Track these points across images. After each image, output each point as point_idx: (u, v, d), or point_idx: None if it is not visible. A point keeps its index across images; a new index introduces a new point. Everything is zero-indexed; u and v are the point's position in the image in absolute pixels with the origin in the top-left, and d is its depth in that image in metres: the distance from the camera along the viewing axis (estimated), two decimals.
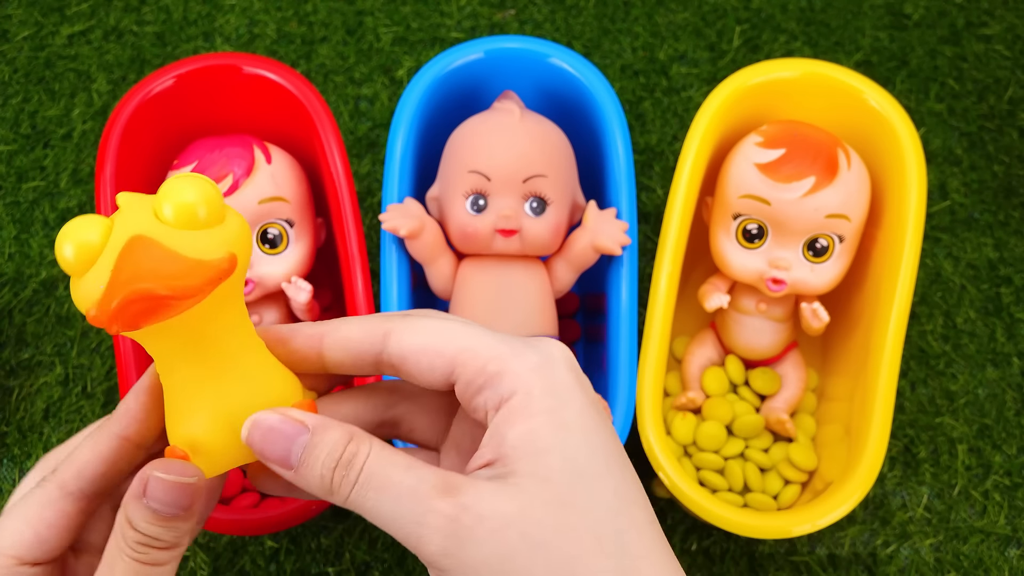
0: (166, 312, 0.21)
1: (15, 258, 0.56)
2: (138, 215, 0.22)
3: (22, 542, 0.24)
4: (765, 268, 0.47)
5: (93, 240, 0.22)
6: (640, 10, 0.65)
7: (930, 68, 0.64)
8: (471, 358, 0.24)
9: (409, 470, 0.23)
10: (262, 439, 0.24)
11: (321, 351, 0.25)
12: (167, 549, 0.24)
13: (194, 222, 0.22)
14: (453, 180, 0.44)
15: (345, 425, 0.24)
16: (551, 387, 0.23)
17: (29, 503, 0.25)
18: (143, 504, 0.23)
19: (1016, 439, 0.53)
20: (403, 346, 0.24)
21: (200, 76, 0.47)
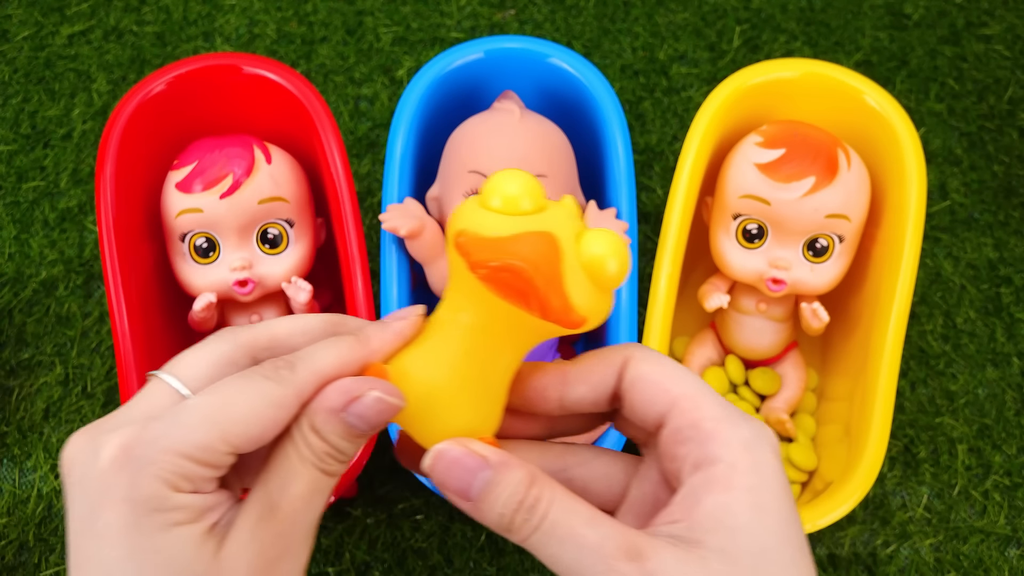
0: (517, 300, 0.23)
1: (15, 258, 0.56)
2: (565, 225, 0.23)
3: (248, 435, 0.23)
4: (765, 268, 0.47)
5: (519, 199, 0.23)
6: (640, 10, 0.65)
7: (930, 68, 0.64)
8: (691, 408, 0.24)
9: (592, 524, 0.23)
10: (444, 470, 0.24)
11: (565, 385, 0.26)
12: (343, 463, 0.24)
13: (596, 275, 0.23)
14: (453, 180, 0.44)
15: (527, 465, 0.24)
16: (756, 465, 0.23)
17: (265, 399, 0.23)
18: (340, 417, 0.23)
19: (1016, 439, 0.53)
20: (641, 370, 0.25)
21: (200, 76, 0.47)
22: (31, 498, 0.49)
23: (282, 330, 0.26)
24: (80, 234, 0.56)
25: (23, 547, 0.48)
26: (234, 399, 0.23)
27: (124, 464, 0.23)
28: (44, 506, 0.49)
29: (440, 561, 0.49)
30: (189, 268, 0.46)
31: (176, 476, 0.23)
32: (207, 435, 0.23)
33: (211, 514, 0.23)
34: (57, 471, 0.50)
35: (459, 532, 0.49)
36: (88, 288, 0.55)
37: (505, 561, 0.48)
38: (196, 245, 0.46)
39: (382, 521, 0.50)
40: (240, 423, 0.23)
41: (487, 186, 0.24)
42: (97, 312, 0.54)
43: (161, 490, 0.22)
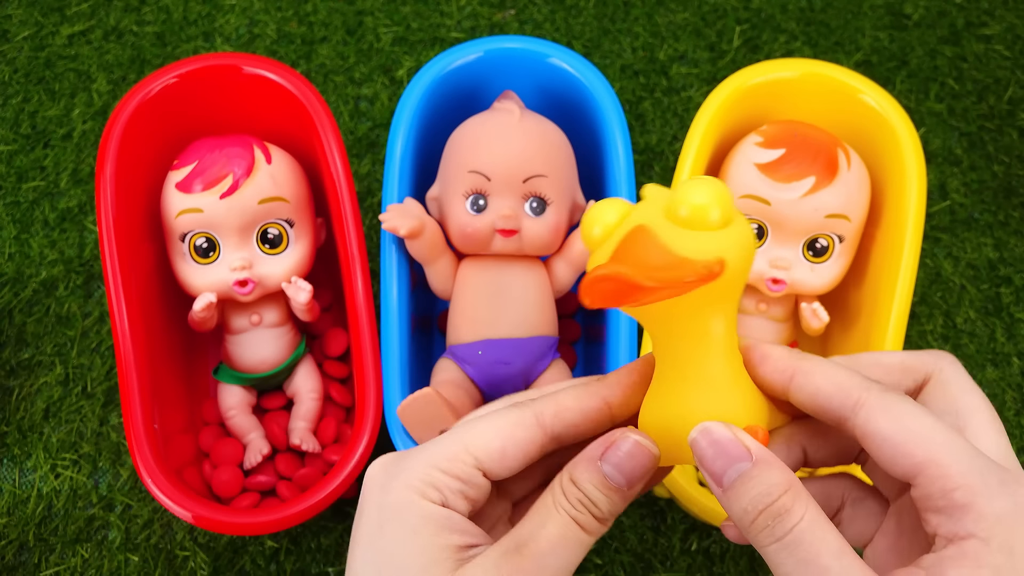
0: (637, 297, 0.22)
1: (15, 258, 0.56)
2: (651, 208, 0.24)
3: (489, 450, 0.25)
4: (765, 268, 0.47)
5: (611, 221, 0.24)
6: (640, 10, 0.65)
7: (930, 68, 0.64)
8: (939, 476, 0.22)
9: (839, 558, 0.22)
10: (705, 448, 0.24)
11: (789, 388, 0.25)
12: (598, 520, 0.25)
13: (704, 223, 0.23)
14: (453, 180, 0.44)
15: (789, 471, 0.23)
16: (1010, 546, 0.21)
17: (505, 419, 0.26)
18: (596, 466, 0.25)
19: (1016, 439, 0.53)
20: (873, 428, 0.23)
21: (200, 76, 0.47)
22: (31, 498, 0.49)
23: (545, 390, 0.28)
24: (80, 234, 0.56)
25: (23, 547, 0.48)
26: (480, 421, 0.26)
27: (381, 476, 0.26)
28: (44, 506, 0.49)
29: None
30: (189, 268, 0.46)
31: (423, 484, 0.25)
32: (453, 446, 0.25)
33: (459, 536, 0.25)
34: (57, 471, 0.50)
35: None
36: (88, 288, 0.55)
37: None
38: (196, 245, 0.46)
39: None
40: (481, 438, 0.25)
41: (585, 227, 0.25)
42: (97, 312, 0.54)
43: (409, 496, 0.25)
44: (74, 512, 0.49)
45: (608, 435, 0.25)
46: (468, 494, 0.25)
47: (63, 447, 0.51)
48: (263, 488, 0.48)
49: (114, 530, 0.49)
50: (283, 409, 0.51)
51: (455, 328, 0.45)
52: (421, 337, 0.50)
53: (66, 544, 0.48)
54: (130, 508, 0.49)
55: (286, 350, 0.49)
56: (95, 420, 0.51)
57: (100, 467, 0.50)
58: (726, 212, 0.23)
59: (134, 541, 0.48)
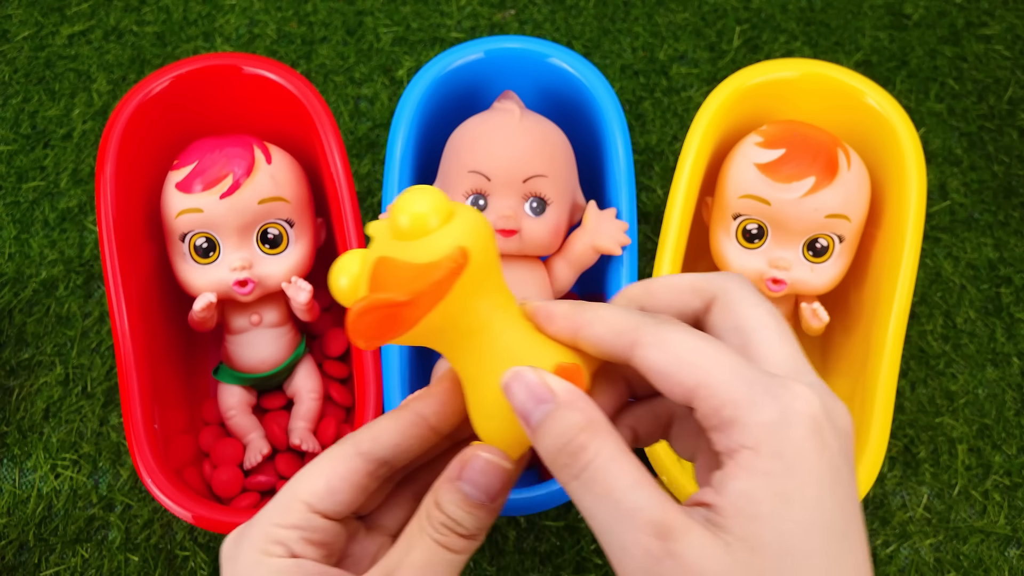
0: (404, 316, 0.23)
1: (15, 258, 0.56)
2: (381, 239, 0.25)
3: (314, 491, 0.26)
4: (765, 268, 0.47)
5: (355, 271, 0.25)
6: (640, 10, 0.65)
7: (930, 68, 0.64)
8: (708, 395, 0.23)
9: (633, 489, 0.22)
10: (515, 391, 0.24)
11: (577, 342, 0.26)
12: (465, 538, 0.25)
13: (425, 227, 0.24)
14: (453, 180, 0.44)
15: (590, 411, 0.24)
16: (780, 449, 0.22)
17: (325, 458, 0.27)
18: (456, 487, 0.25)
19: (1016, 439, 0.53)
20: (647, 363, 0.24)
21: (200, 76, 0.47)
22: (31, 498, 0.49)
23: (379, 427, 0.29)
24: (80, 234, 0.56)
25: (23, 547, 0.48)
26: (307, 467, 0.27)
27: (232, 549, 0.26)
28: (44, 506, 0.49)
29: None
30: (189, 268, 0.46)
31: (266, 542, 0.25)
32: (283, 497, 0.26)
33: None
34: (57, 471, 0.50)
35: None
36: (88, 288, 0.55)
37: (505, 561, 0.48)
38: (196, 245, 0.46)
39: None
40: (306, 481, 0.26)
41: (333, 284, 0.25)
42: (97, 312, 0.54)
43: (255, 557, 0.25)
44: (74, 512, 0.49)
45: (462, 454, 0.25)
46: (313, 539, 0.26)
47: (63, 447, 0.51)
48: (263, 488, 0.48)
49: (114, 530, 0.49)
50: (283, 409, 0.51)
51: None
52: None
53: (66, 544, 0.48)
54: (130, 508, 0.49)
55: (286, 350, 0.49)
56: (95, 420, 0.51)
57: (100, 467, 0.50)
58: (442, 212, 0.24)
59: (134, 541, 0.48)
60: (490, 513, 0.25)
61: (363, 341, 0.23)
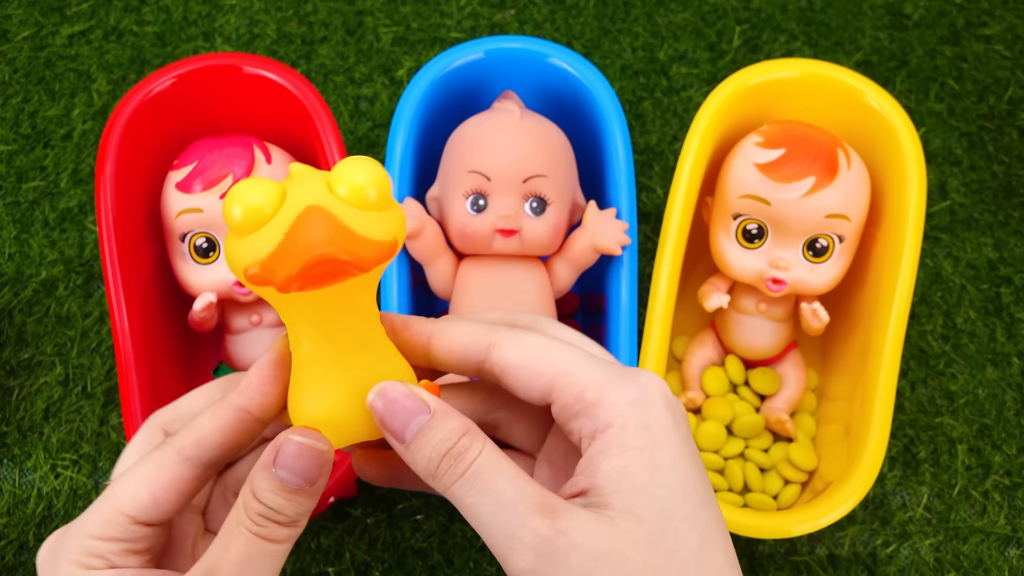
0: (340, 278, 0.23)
1: (15, 258, 0.56)
2: (312, 186, 0.23)
3: (137, 503, 0.25)
4: (765, 268, 0.47)
5: (262, 203, 0.23)
6: (640, 10, 0.65)
7: (930, 68, 0.64)
8: (569, 383, 0.24)
9: (514, 481, 0.23)
10: (384, 407, 0.24)
11: (428, 348, 0.26)
12: (286, 526, 0.24)
13: (364, 203, 0.23)
14: (453, 180, 0.44)
15: (464, 418, 0.25)
16: (645, 423, 0.24)
17: (147, 465, 0.25)
18: (271, 473, 0.24)
19: (1016, 439, 0.53)
20: (505, 360, 0.25)
21: (200, 76, 0.47)
22: (31, 498, 0.49)
23: (184, 401, 0.28)
24: (80, 234, 0.56)
25: (23, 547, 0.48)
26: (126, 474, 0.25)
27: (50, 559, 0.25)
28: (44, 506, 0.49)
29: (440, 561, 0.49)
30: (189, 268, 0.46)
31: (84, 555, 0.24)
32: (102, 509, 0.25)
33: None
34: (57, 471, 0.50)
35: (459, 532, 0.49)
36: (88, 288, 0.55)
37: None
38: (196, 245, 0.46)
39: (382, 521, 0.50)
40: (127, 492, 0.25)
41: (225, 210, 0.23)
42: (97, 312, 0.54)
43: (72, 571, 0.24)
44: (74, 512, 0.49)
45: (276, 440, 0.24)
46: (135, 548, 0.25)
47: (63, 447, 0.51)
48: None
49: None
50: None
51: None
52: None
53: None
54: None
55: None
56: (95, 420, 0.51)
57: (100, 467, 0.50)
58: (385, 193, 0.24)
59: None
60: (310, 497, 0.24)
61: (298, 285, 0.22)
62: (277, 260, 0.22)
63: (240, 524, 0.24)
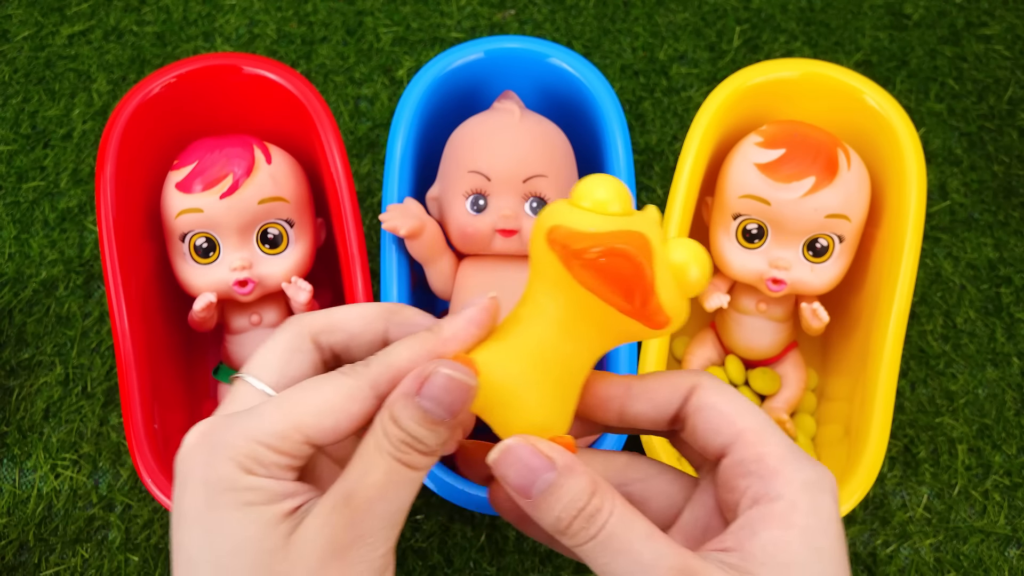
0: (619, 287, 0.23)
1: (15, 258, 0.56)
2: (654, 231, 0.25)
3: (321, 427, 0.24)
4: (765, 268, 0.47)
5: (609, 202, 0.25)
6: (640, 10, 0.65)
7: (930, 68, 0.64)
8: (755, 442, 0.25)
9: (649, 540, 0.23)
10: (508, 466, 0.24)
11: (625, 399, 0.27)
12: (425, 455, 0.24)
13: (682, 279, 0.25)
14: (453, 180, 0.44)
15: (591, 473, 0.24)
16: (816, 508, 0.24)
17: (339, 392, 0.25)
18: (414, 402, 0.24)
19: (1016, 439, 0.53)
20: (706, 401, 0.26)
21: (200, 76, 0.47)
22: (31, 498, 0.49)
23: (339, 314, 0.27)
24: (80, 234, 0.56)
25: (23, 547, 0.48)
26: (309, 393, 0.25)
27: (202, 448, 0.24)
28: (44, 506, 0.49)
29: (440, 561, 0.49)
30: (189, 268, 0.46)
31: (249, 460, 0.24)
32: (281, 423, 0.24)
33: (288, 501, 0.24)
34: (57, 471, 0.50)
35: (459, 532, 0.49)
36: (88, 288, 0.55)
37: (505, 561, 0.48)
38: (196, 245, 0.46)
39: None
40: (312, 413, 0.24)
41: (578, 189, 0.25)
42: (97, 312, 0.54)
43: (233, 471, 0.24)
44: (74, 512, 0.49)
45: (421, 368, 0.24)
46: (296, 465, 0.25)
47: (63, 447, 0.51)
48: None
49: (114, 530, 0.49)
50: None
51: None
52: None
53: (66, 544, 0.48)
54: (130, 508, 0.49)
55: None
56: (95, 420, 0.51)
57: (100, 467, 0.50)
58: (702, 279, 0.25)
59: (134, 541, 0.48)
60: (451, 429, 0.24)
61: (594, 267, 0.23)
62: (587, 238, 0.23)
63: (381, 449, 0.24)
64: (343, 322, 0.27)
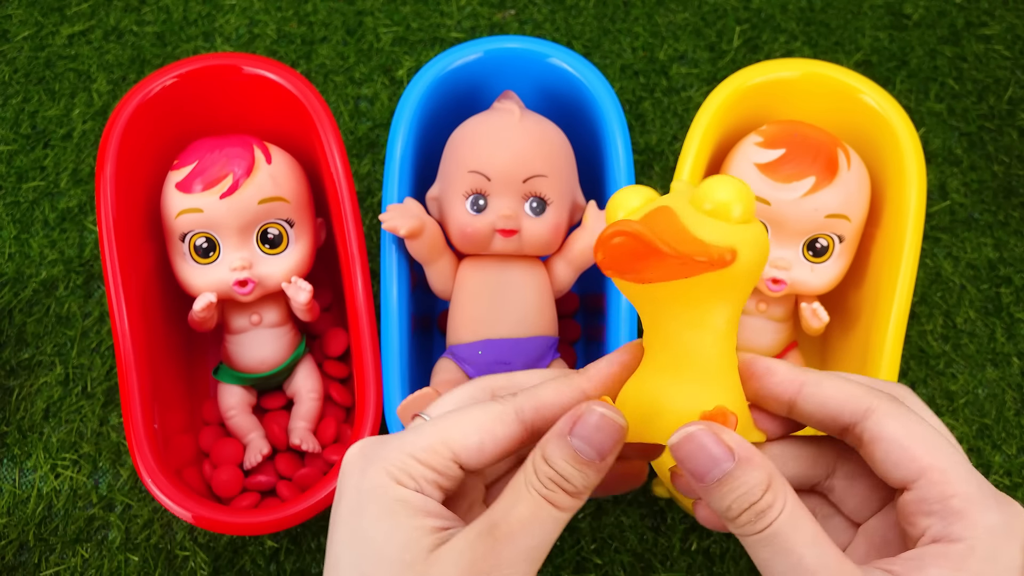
0: (647, 264, 0.23)
1: (15, 258, 0.56)
2: (676, 197, 0.25)
3: (467, 444, 0.26)
4: (765, 268, 0.47)
5: (634, 205, 0.25)
6: (640, 10, 0.65)
7: (930, 68, 0.64)
8: (939, 481, 0.24)
9: (814, 546, 0.23)
10: (687, 452, 0.24)
11: (796, 398, 0.26)
12: (571, 495, 0.25)
13: (726, 217, 0.24)
14: (453, 180, 0.44)
15: (768, 466, 0.24)
16: (995, 555, 0.23)
17: (486, 414, 0.26)
18: (566, 442, 0.25)
19: (1016, 439, 0.53)
20: (883, 431, 0.25)
21: (200, 76, 0.47)
22: (31, 498, 0.49)
23: (519, 376, 0.29)
24: (80, 234, 0.56)
25: (23, 547, 0.48)
26: (460, 414, 0.26)
27: (360, 459, 0.26)
28: (44, 506, 0.49)
29: None
30: (189, 268, 0.46)
31: (399, 471, 0.25)
32: (430, 438, 0.26)
33: (434, 519, 0.25)
34: (57, 471, 0.50)
35: None
36: (88, 288, 0.55)
37: None
38: (196, 245, 0.46)
39: None
40: (460, 431, 0.26)
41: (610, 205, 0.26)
42: (97, 312, 0.54)
43: (384, 480, 0.25)
44: (74, 512, 0.49)
45: (575, 409, 0.25)
46: (442, 484, 0.26)
47: (63, 447, 0.51)
48: (263, 488, 0.48)
49: (114, 530, 0.49)
50: (283, 409, 0.51)
51: (455, 328, 0.45)
52: (421, 337, 0.50)
53: (66, 544, 0.48)
54: (130, 508, 0.49)
55: (286, 350, 0.49)
56: (95, 420, 0.51)
57: (100, 467, 0.50)
58: (747, 210, 0.24)
59: (134, 541, 0.48)
60: (598, 472, 0.25)
61: (603, 256, 0.24)
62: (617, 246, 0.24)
63: (529, 485, 0.25)
64: (524, 379, 0.29)
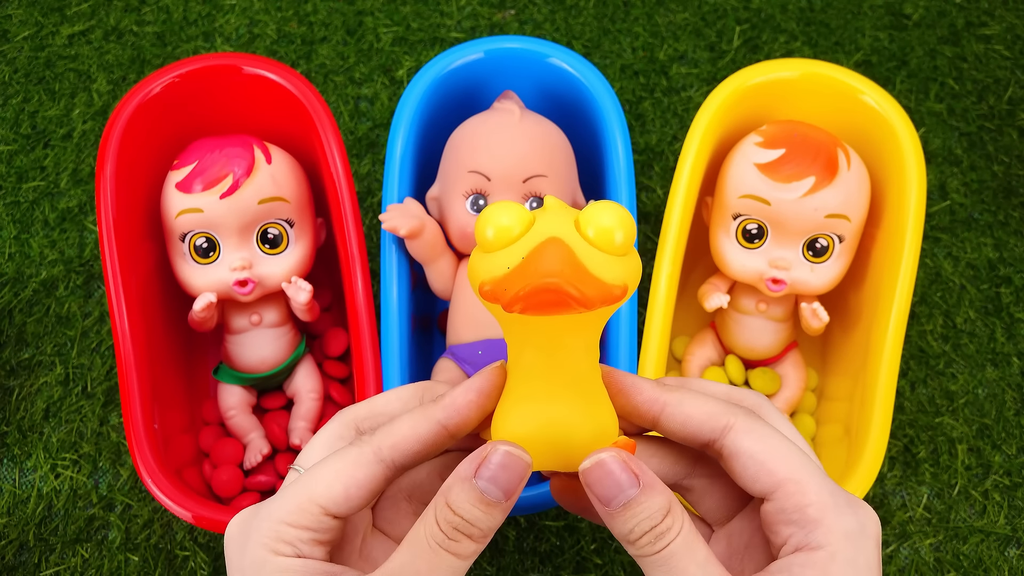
0: (561, 310, 0.23)
1: (15, 258, 0.56)
2: (560, 220, 0.24)
3: (332, 495, 0.25)
4: (765, 268, 0.47)
5: (511, 225, 0.24)
6: (640, 10, 0.65)
7: (930, 68, 0.64)
8: (796, 492, 0.25)
9: (704, 567, 0.24)
10: (596, 478, 0.25)
11: (659, 418, 0.27)
12: (475, 540, 0.25)
13: (609, 246, 0.24)
14: (453, 180, 0.44)
15: (667, 492, 0.25)
16: (855, 558, 0.24)
17: (344, 460, 0.26)
18: (471, 485, 0.25)
19: (1016, 439, 0.53)
20: (740, 447, 0.26)
21: (200, 76, 0.47)
22: (31, 498, 0.49)
23: (379, 401, 0.29)
24: (80, 234, 0.56)
25: (23, 547, 0.48)
26: (321, 466, 0.26)
27: (237, 539, 0.26)
28: (44, 506, 0.49)
29: None
30: (189, 268, 0.46)
31: (275, 540, 0.25)
32: (298, 498, 0.25)
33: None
34: (57, 471, 0.50)
35: None
36: (88, 288, 0.55)
37: (505, 561, 0.48)
38: (196, 245, 0.46)
39: None
40: (324, 484, 0.25)
41: (478, 227, 0.25)
42: (97, 312, 0.54)
43: (262, 555, 0.25)
44: (74, 512, 0.49)
45: (478, 451, 0.25)
46: (321, 539, 0.25)
47: (63, 447, 0.51)
48: (263, 488, 0.48)
49: (114, 530, 0.49)
50: (283, 409, 0.51)
51: (455, 328, 0.45)
52: (421, 337, 0.50)
53: (66, 544, 0.48)
54: (130, 508, 0.49)
55: (286, 350, 0.49)
56: (95, 420, 0.51)
57: (100, 467, 0.50)
58: (629, 237, 0.24)
59: (134, 541, 0.48)
60: (503, 512, 0.25)
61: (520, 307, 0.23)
62: (509, 281, 0.23)
63: (431, 537, 0.25)
64: (383, 406, 0.29)
